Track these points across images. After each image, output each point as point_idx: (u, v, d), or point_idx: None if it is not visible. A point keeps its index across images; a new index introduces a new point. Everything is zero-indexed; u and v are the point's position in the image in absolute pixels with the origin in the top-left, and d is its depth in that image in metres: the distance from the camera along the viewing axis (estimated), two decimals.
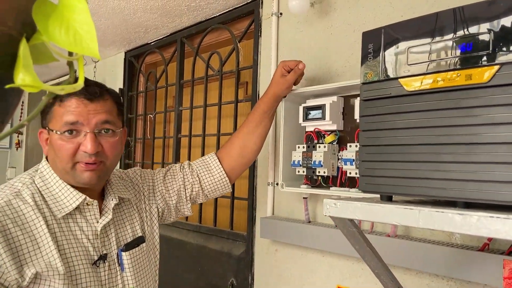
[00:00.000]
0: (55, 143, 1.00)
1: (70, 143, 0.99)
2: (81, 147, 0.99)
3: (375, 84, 0.77)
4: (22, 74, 0.39)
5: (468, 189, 0.65)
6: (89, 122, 1.00)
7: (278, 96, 1.36)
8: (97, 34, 1.42)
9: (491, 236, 0.59)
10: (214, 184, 1.33)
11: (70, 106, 0.99)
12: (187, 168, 1.33)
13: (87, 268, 1.00)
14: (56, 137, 0.99)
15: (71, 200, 1.01)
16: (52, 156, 1.02)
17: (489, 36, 0.64)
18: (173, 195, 1.29)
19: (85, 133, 0.99)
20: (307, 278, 1.48)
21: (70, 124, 0.98)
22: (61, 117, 0.99)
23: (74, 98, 0.99)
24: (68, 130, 0.98)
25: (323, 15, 1.48)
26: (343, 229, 0.84)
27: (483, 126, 0.64)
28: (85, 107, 1.00)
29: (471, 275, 1.03)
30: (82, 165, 1.00)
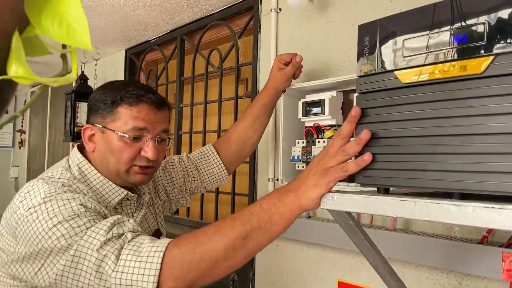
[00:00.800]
0: (113, 143, 1.01)
1: (132, 147, 1.01)
2: (142, 152, 1.03)
3: (372, 77, 0.77)
4: (15, 66, 0.39)
5: (464, 180, 0.65)
6: (154, 129, 1.03)
7: (277, 90, 1.36)
8: (97, 32, 1.47)
9: (486, 226, 0.60)
10: (213, 176, 1.35)
11: (141, 112, 1.02)
12: (186, 161, 1.34)
13: None
14: (117, 138, 1.01)
15: (113, 195, 1.04)
16: (105, 154, 1.03)
17: (484, 27, 0.64)
18: (173, 188, 1.31)
19: (147, 140, 1.03)
20: (307, 273, 1.48)
21: (138, 129, 1.01)
22: (129, 120, 1.01)
23: (146, 104, 1.02)
24: (136, 135, 1.01)
25: (322, 10, 1.48)
26: (340, 222, 0.84)
27: (478, 117, 0.64)
28: (154, 114, 1.03)
29: (470, 268, 1.03)
30: (137, 168, 1.03)
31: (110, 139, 1.01)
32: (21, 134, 4.49)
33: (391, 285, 0.92)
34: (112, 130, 1.01)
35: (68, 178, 1.00)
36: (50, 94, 3.74)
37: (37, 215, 0.87)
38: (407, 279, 1.17)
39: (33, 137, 4.21)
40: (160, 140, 1.07)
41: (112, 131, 1.01)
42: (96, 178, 1.04)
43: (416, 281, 1.17)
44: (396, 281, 0.91)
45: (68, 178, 1.00)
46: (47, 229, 0.85)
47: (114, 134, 1.01)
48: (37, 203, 0.89)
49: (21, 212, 0.90)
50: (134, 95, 1.01)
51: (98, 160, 1.05)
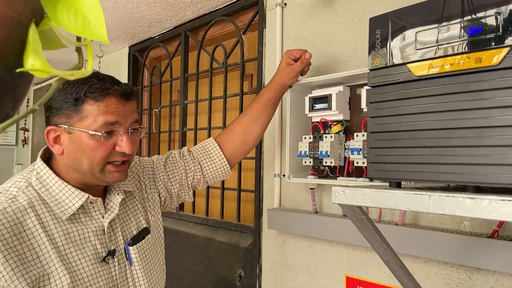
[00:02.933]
0: (84, 143, 0.94)
1: (105, 144, 0.95)
2: (117, 147, 0.97)
3: (383, 70, 0.77)
4: (31, 59, 0.39)
5: (478, 173, 0.64)
6: (125, 122, 0.98)
7: (283, 85, 1.36)
8: None
9: (503, 219, 0.59)
10: (216, 171, 1.32)
11: (109, 106, 0.95)
12: (188, 156, 1.30)
13: (97, 266, 0.98)
14: (86, 137, 0.94)
15: (73, 200, 0.97)
16: (76, 156, 0.97)
17: (498, 18, 0.63)
18: (175, 184, 1.27)
19: (120, 134, 0.97)
20: (315, 269, 1.48)
21: (110, 124, 0.95)
22: (99, 116, 0.94)
23: (113, 97, 0.96)
24: (108, 130, 0.95)
25: (327, 5, 1.47)
26: (352, 216, 0.84)
27: (493, 109, 0.63)
28: (123, 106, 0.98)
29: (481, 262, 1.03)
30: (111, 167, 0.98)
31: (80, 139, 0.95)
32: (24, 132, 4.50)
33: (402, 279, 0.91)
34: (81, 130, 0.94)
35: (20, 186, 0.95)
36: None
37: None
38: (417, 274, 1.16)
39: (36, 135, 4.21)
40: (133, 131, 1.01)
41: (81, 131, 0.94)
42: (54, 183, 0.97)
43: (426, 276, 1.17)
44: (407, 275, 0.90)
45: (19, 187, 0.95)
46: None
47: (83, 133, 0.94)
48: None
49: None
50: (98, 89, 0.94)
51: (69, 162, 0.98)
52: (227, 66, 1.97)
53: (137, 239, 1.09)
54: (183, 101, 2.24)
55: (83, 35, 0.42)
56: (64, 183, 0.98)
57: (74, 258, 0.95)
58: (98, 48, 2.72)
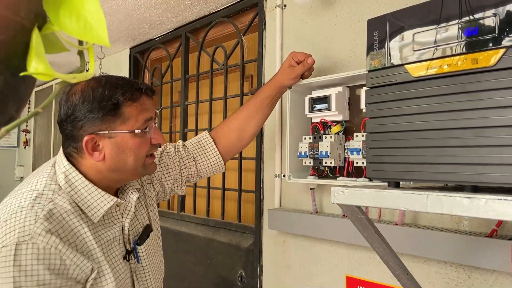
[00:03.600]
0: (130, 143, 0.99)
1: (146, 139, 1.02)
2: (152, 140, 1.04)
3: (381, 71, 0.78)
4: (35, 63, 0.40)
5: (476, 172, 0.65)
6: (154, 115, 1.05)
7: (282, 85, 1.37)
8: None
9: (500, 218, 0.60)
10: (210, 166, 1.33)
11: (144, 104, 1.02)
12: (183, 151, 1.31)
13: (124, 264, 1.03)
14: (130, 137, 0.99)
15: (101, 203, 0.99)
16: (118, 158, 1.00)
17: (495, 19, 0.64)
18: (169, 179, 1.28)
19: (151, 127, 1.03)
20: (315, 268, 1.49)
21: (148, 120, 1.02)
22: (138, 115, 1.00)
23: (144, 96, 1.02)
24: (147, 126, 1.01)
25: (327, 6, 1.48)
26: (351, 216, 0.85)
27: (490, 109, 0.64)
28: (150, 102, 1.05)
29: (480, 262, 1.03)
30: (149, 158, 1.05)
31: (124, 140, 0.99)
32: (26, 133, 4.51)
33: (401, 279, 0.92)
34: (125, 132, 0.98)
35: (53, 189, 0.96)
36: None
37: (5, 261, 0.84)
38: (416, 274, 1.17)
39: (38, 136, 4.22)
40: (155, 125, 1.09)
41: (125, 133, 0.98)
42: (84, 186, 0.99)
43: (425, 275, 1.17)
44: (407, 275, 0.91)
45: (53, 189, 0.95)
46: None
47: (127, 134, 0.99)
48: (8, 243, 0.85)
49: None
50: (131, 91, 0.99)
51: (112, 165, 1.00)
52: (227, 67, 1.98)
53: (143, 238, 1.11)
54: (183, 102, 2.25)
55: (85, 39, 0.42)
56: (94, 187, 0.99)
57: (109, 256, 1.00)
58: (99, 50, 2.73)
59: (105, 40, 0.42)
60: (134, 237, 1.10)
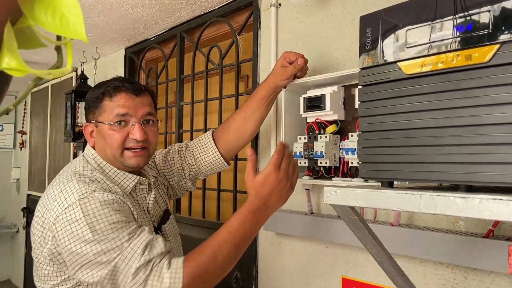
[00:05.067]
0: (105, 133, 1.13)
1: (120, 132, 1.13)
2: (130, 135, 1.14)
3: (374, 69, 0.76)
4: (7, 58, 0.38)
5: (470, 171, 0.64)
6: (136, 113, 1.14)
7: (276, 85, 1.36)
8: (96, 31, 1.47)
9: (495, 218, 0.58)
10: (210, 164, 1.42)
11: (119, 100, 1.14)
12: (185, 149, 1.43)
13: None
14: (106, 128, 1.13)
15: (127, 181, 1.16)
16: (102, 145, 1.15)
17: (489, 15, 0.62)
18: (172, 175, 1.41)
19: (133, 123, 1.14)
20: (311, 270, 1.47)
21: (120, 115, 1.13)
22: (112, 110, 1.13)
23: (123, 93, 1.14)
24: (119, 121, 1.13)
25: (322, 4, 1.47)
26: (344, 217, 0.83)
27: (484, 107, 0.62)
28: (133, 100, 1.15)
29: (476, 262, 1.02)
30: (129, 152, 1.14)
31: (103, 130, 1.14)
32: (22, 135, 4.49)
33: (396, 280, 0.91)
34: (102, 122, 1.14)
35: (91, 169, 1.13)
36: (50, 94, 3.73)
37: (75, 216, 0.99)
38: (412, 275, 1.15)
39: (34, 138, 4.20)
40: (147, 122, 1.17)
41: (102, 123, 1.14)
42: (111, 169, 1.15)
43: (421, 277, 1.16)
44: (401, 276, 0.89)
45: (91, 170, 1.13)
46: (87, 240, 0.97)
47: (104, 125, 1.13)
48: (72, 202, 1.01)
49: (58, 211, 1.01)
50: (113, 87, 1.14)
51: (99, 152, 1.17)
52: (222, 67, 1.97)
53: (165, 219, 1.27)
54: (179, 103, 2.24)
55: (62, 34, 0.41)
56: (117, 169, 1.16)
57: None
58: (94, 51, 2.72)
59: (83, 35, 0.40)
60: (157, 219, 1.24)
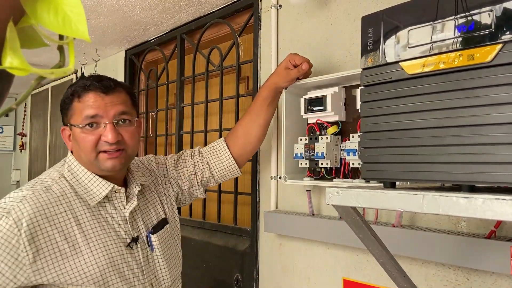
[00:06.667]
0: (78, 136, 1.07)
1: (91, 134, 1.06)
2: (102, 137, 1.07)
3: (376, 69, 0.76)
4: (9, 57, 0.38)
5: (473, 171, 0.63)
6: (107, 114, 1.07)
7: (277, 86, 1.37)
8: (96, 33, 1.47)
9: (498, 218, 0.58)
10: (224, 170, 1.40)
11: (88, 101, 1.06)
12: (197, 155, 1.40)
13: (122, 249, 1.09)
14: (78, 131, 1.07)
15: (100, 189, 1.09)
16: (77, 149, 1.10)
17: (491, 14, 0.62)
18: (185, 181, 1.37)
19: (104, 124, 1.07)
20: (312, 271, 1.47)
21: (90, 117, 1.06)
22: (81, 111, 1.06)
23: (91, 93, 1.07)
24: (89, 123, 1.06)
25: (322, 5, 1.47)
26: (346, 218, 0.83)
27: (487, 106, 0.62)
28: (102, 100, 1.07)
29: (478, 263, 1.01)
30: (104, 154, 1.08)
31: (75, 134, 1.08)
32: (22, 137, 4.48)
33: (398, 281, 0.90)
34: (73, 125, 1.08)
35: (53, 178, 1.08)
36: (50, 96, 3.73)
37: None
38: (414, 276, 1.15)
39: (34, 140, 4.19)
40: (123, 122, 1.10)
41: (73, 126, 1.08)
42: (84, 174, 1.09)
43: (423, 278, 1.15)
44: (404, 277, 0.89)
45: (53, 178, 1.07)
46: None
47: (76, 128, 1.07)
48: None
49: None
50: (81, 87, 1.07)
51: (76, 156, 1.12)
52: (223, 68, 1.97)
53: (157, 228, 1.20)
54: (179, 104, 2.24)
55: (64, 33, 0.41)
56: (92, 174, 1.09)
57: (102, 240, 1.06)
58: (95, 52, 2.72)
59: (85, 35, 0.40)
60: (148, 228, 1.18)
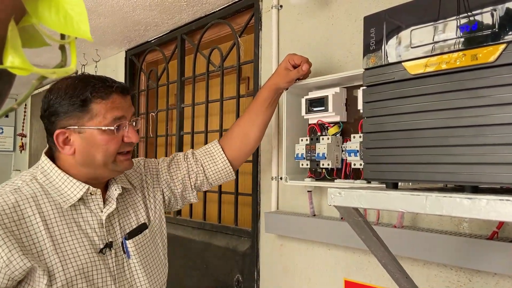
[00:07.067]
0: (98, 138, 1.02)
1: (116, 137, 1.04)
2: (125, 138, 1.06)
3: (378, 69, 0.76)
4: (11, 56, 0.37)
5: (476, 172, 0.63)
6: (128, 115, 1.07)
7: (277, 87, 1.36)
8: (97, 33, 1.46)
9: (502, 219, 0.58)
10: (218, 173, 1.36)
11: (115, 102, 1.04)
12: (191, 158, 1.35)
13: (93, 256, 1.03)
14: (99, 133, 1.02)
15: (74, 191, 1.04)
16: (89, 152, 1.03)
17: (494, 15, 0.62)
18: (178, 184, 1.32)
19: (125, 126, 1.06)
20: (313, 272, 1.46)
21: (118, 119, 1.04)
22: (108, 113, 1.02)
23: (115, 94, 1.04)
24: (118, 124, 1.04)
25: (323, 6, 1.46)
26: (348, 218, 0.82)
27: (491, 107, 0.62)
28: (125, 101, 1.07)
29: (480, 264, 1.01)
30: (121, 156, 1.07)
31: (93, 136, 1.02)
32: (22, 138, 4.48)
33: (400, 283, 0.90)
34: (93, 128, 1.02)
35: (24, 179, 1.03)
36: None
37: None
38: (416, 277, 1.15)
39: (34, 140, 4.19)
40: (134, 123, 1.10)
41: (93, 129, 1.02)
42: (57, 176, 1.04)
43: (425, 279, 1.15)
44: (406, 278, 0.89)
45: (24, 180, 1.03)
46: None
47: (95, 131, 1.02)
48: None
49: None
50: (102, 88, 1.03)
51: (81, 159, 1.04)
52: (223, 69, 1.96)
53: (134, 233, 1.14)
54: (179, 105, 2.23)
55: (65, 32, 0.40)
56: (66, 176, 1.04)
57: (71, 246, 1.00)
58: (95, 53, 2.71)
59: (87, 34, 0.40)
60: (124, 233, 1.12)
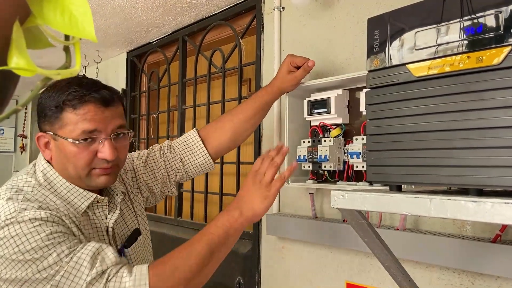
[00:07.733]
0: (67, 150, 0.95)
1: (86, 151, 0.95)
2: (99, 154, 0.96)
3: (382, 71, 0.75)
4: (16, 57, 0.37)
5: (481, 175, 0.63)
6: (106, 128, 0.96)
7: (282, 91, 1.35)
8: (98, 35, 1.44)
9: (507, 223, 0.57)
10: (198, 166, 1.28)
11: (87, 114, 0.94)
12: (168, 152, 1.27)
13: None
14: (69, 145, 0.94)
15: (81, 200, 0.99)
16: (62, 162, 0.98)
17: (500, 16, 0.62)
18: (156, 184, 1.25)
19: (101, 140, 0.96)
20: (315, 275, 1.46)
21: (88, 132, 0.94)
22: (77, 124, 0.94)
23: (90, 105, 0.94)
24: (87, 137, 0.95)
25: (326, 8, 1.46)
26: (351, 221, 0.82)
27: (495, 109, 0.61)
28: (102, 113, 0.96)
29: (483, 267, 1.01)
30: (98, 170, 0.98)
31: (63, 146, 0.95)
32: (23, 139, 4.48)
33: (403, 285, 0.89)
34: (62, 137, 0.95)
35: (33, 185, 0.96)
36: None
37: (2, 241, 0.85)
38: (418, 280, 1.14)
39: (35, 141, 4.19)
40: (118, 136, 1.00)
41: (63, 138, 0.95)
42: (62, 184, 0.98)
43: (427, 282, 1.14)
44: (409, 281, 0.88)
45: (33, 185, 0.96)
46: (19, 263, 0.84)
47: (65, 141, 0.95)
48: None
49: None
50: (76, 96, 0.94)
51: (57, 167, 0.99)
52: (225, 70, 1.96)
53: (131, 241, 1.10)
54: (181, 106, 2.23)
55: (70, 33, 0.40)
56: (71, 184, 0.99)
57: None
58: (96, 54, 2.71)
59: (92, 35, 0.39)
60: (122, 240, 1.09)
